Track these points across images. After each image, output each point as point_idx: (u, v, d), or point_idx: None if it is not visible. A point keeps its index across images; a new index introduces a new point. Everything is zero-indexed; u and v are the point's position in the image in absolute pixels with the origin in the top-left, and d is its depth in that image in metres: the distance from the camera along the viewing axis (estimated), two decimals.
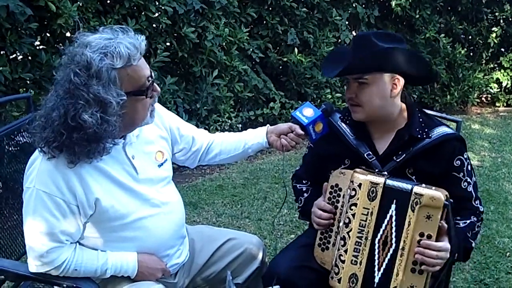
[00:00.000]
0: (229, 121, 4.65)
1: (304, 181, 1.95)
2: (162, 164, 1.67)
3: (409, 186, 1.56)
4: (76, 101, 1.36)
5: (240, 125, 4.91)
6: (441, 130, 1.72)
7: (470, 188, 1.74)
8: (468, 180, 1.74)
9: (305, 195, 1.91)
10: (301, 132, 1.70)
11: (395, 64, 1.64)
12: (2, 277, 1.57)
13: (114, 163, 1.53)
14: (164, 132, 1.72)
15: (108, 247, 1.56)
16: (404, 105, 1.76)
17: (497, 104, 7.39)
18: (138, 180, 1.58)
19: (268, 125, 1.83)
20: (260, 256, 1.84)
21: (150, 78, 1.47)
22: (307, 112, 1.70)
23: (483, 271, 2.87)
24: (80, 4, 3.47)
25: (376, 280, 1.59)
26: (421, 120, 1.74)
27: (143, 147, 1.61)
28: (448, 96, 6.73)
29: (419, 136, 1.69)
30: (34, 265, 1.49)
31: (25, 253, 1.66)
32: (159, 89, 1.53)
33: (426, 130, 1.71)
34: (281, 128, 1.76)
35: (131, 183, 1.56)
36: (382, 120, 1.72)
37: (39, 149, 1.42)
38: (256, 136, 1.81)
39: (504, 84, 7.21)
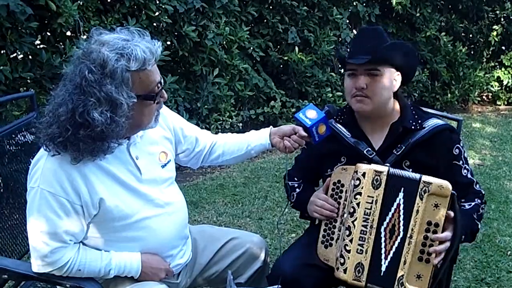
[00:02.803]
0: (230, 120, 4.65)
1: (296, 179, 1.96)
2: (165, 164, 1.66)
3: (417, 175, 1.57)
4: (87, 98, 1.34)
5: (240, 124, 4.91)
6: (433, 122, 1.76)
7: (470, 175, 1.78)
8: (467, 167, 1.77)
9: (297, 190, 1.93)
10: (304, 134, 1.70)
11: (403, 59, 1.71)
12: (5, 276, 1.57)
13: (118, 163, 1.52)
14: (168, 132, 1.71)
15: (111, 247, 1.56)
16: (396, 101, 1.80)
17: (498, 103, 7.39)
18: (142, 181, 1.57)
19: (271, 126, 1.83)
20: (262, 255, 1.83)
21: (160, 84, 1.47)
22: (311, 114, 1.70)
23: (484, 270, 2.87)
24: (81, 3, 3.47)
25: (383, 268, 1.58)
26: (413, 112, 1.78)
27: (147, 148, 1.61)
28: (449, 95, 6.73)
29: (412, 127, 1.72)
30: (37, 265, 1.49)
31: (27, 253, 1.65)
32: (166, 95, 1.53)
33: (419, 121, 1.74)
34: (284, 129, 1.76)
35: (135, 184, 1.55)
36: (379, 115, 1.75)
37: (44, 145, 1.41)
38: (259, 138, 1.80)
39: (505, 83, 7.20)
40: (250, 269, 1.81)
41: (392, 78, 1.71)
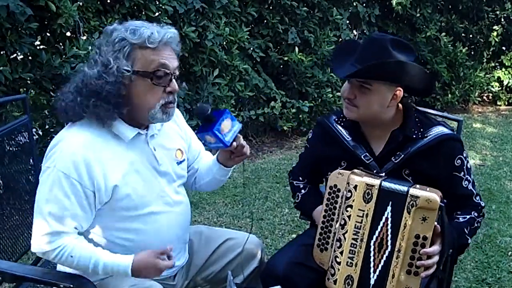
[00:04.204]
0: None
1: (300, 178, 1.96)
2: (181, 162, 1.69)
3: (404, 188, 1.55)
4: (90, 62, 1.50)
5: (241, 125, 4.90)
6: (438, 130, 1.70)
7: (470, 186, 1.74)
8: (468, 178, 1.73)
9: (303, 191, 1.93)
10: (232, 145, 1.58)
11: (404, 78, 1.63)
12: None
13: (138, 152, 1.55)
14: (183, 133, 1.75)
15: (112, 236, 1.55)
16: (400, 105, 1.75)
17: (499, 103, 7.39)
18: (159, 172, 1.60)
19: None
20: (259, 255, 1.83)
21: (167, 70, 1.48)
22: (207, 129, 1.54)
23: (485, 270, 2.86)
24: (80, 4, 3.47)
25: (372, 282, 1.59)
26: (417, 119, 1.73)
27: (164, 142, 1.64)
28: (449, 95, 6.72)
29: (414, 136, 1.68)
30: (35, 245, 1.49)
31: (25, 254, 1.64)
32: (176, 87, 1.52)
33: (422, 130, 1.70)
34: (223, 154, 1.71)
35: (152, 173, 1.58)
36: (375, 122, 1.72)
37: (65, 114, 1.49)
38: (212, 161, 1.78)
39: (505, 83, 7.20)
40: (246, 270, 1.80)
41: (387, 95, 1.64)
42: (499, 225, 3.42)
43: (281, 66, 5.28)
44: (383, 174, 1.66)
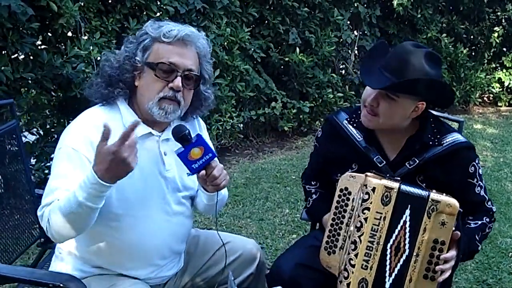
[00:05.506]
0: (231, 120, 4.64)
1: (313, 182, 1.94)
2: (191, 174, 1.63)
3: (425, 193, 1.55)
4: (116, 52, 1.60)
5: (241, 125, 4.91)
6: (453, 137, 1.70)
7: (482, 192, 1.74)
8: (480, 184, 1.74)
9: (314, 196, 1.91)
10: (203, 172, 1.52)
11: (432, 95, 1.61)
12: None
13: (145, 151, 1.53)
14: None
15: (100, 233, 1.52)
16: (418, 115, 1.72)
17: (499, 104, 7.39)
18: (164, 177, 1.58)
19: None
20: (256, 261, 1.80)
21: (173, 66, 1.49)
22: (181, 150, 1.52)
23: (486, 271, 2.86)
24: (82, 4, 3.47)
25: (387, 286, 1.57)
26: (433, 125, 1.71)
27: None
28: None
29: (430, 143, 1.67)
30: (39, 214, 1.47)
31: (23, 254, 1.62)
32: (179, 84, 1.50)
33: (438, 136, 1.69)
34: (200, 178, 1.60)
35: (156, 176, 1.56)
36: (392, 130, 1.70)
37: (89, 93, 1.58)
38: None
39: (506, 84, 7.21)
40: (243, 274, 1.79)
41: (410, 107, 1.62)
42: (500, 226, 3.41)
43: (282, 67, 5.28)
44: (398, 178, 1.63)
